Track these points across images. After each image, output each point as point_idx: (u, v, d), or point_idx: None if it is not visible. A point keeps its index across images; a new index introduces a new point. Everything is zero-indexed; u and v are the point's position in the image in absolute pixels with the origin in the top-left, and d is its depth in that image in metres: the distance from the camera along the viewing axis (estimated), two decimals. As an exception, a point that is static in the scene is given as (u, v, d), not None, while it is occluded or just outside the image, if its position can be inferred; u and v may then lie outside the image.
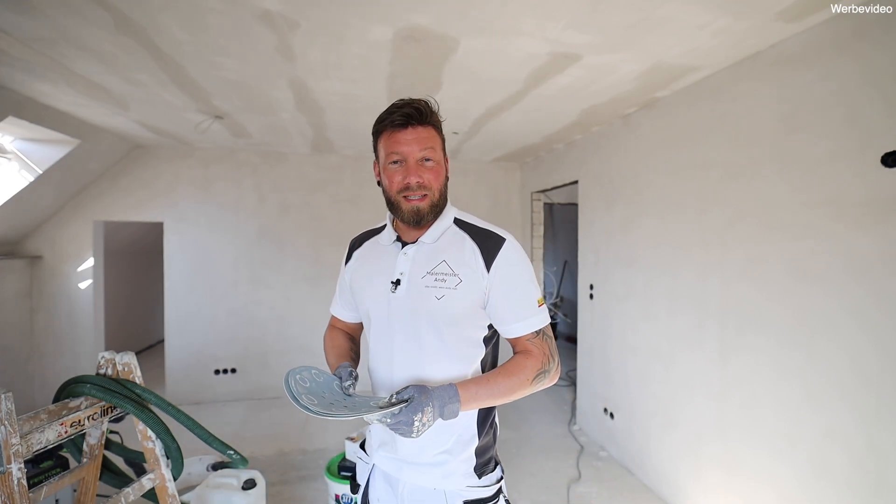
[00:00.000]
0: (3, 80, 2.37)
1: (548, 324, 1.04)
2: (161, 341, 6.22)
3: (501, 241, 1.02)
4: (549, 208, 6.17)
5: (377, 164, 1.08)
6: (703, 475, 2.33)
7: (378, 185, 1.09)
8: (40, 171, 3.22)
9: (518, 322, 1.01)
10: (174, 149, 4.11)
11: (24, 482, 1.09)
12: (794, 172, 1.85)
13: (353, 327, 1.26)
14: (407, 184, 1.00)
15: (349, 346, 1.20)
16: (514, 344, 1.04)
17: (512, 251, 1.02)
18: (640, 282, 2.87)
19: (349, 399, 0.95)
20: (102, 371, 1.44)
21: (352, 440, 2.22)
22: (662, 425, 2.65)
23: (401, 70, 2.25)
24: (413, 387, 0.89)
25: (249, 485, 1.97)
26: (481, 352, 1.05)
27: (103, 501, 1.32)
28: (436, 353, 1.01)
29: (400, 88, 2.48)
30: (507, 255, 1.01)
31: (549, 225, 6.33)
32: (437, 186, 1.03)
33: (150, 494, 1.51)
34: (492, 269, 1.00)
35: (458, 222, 1.08)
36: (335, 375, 1.02)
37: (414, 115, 0.99)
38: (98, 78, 2.36)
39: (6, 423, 1.06)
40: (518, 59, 2.10)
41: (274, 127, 3.38)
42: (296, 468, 2.96)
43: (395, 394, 0.89)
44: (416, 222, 1.02)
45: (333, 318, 1.29)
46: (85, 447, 1.45)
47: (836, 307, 1.70)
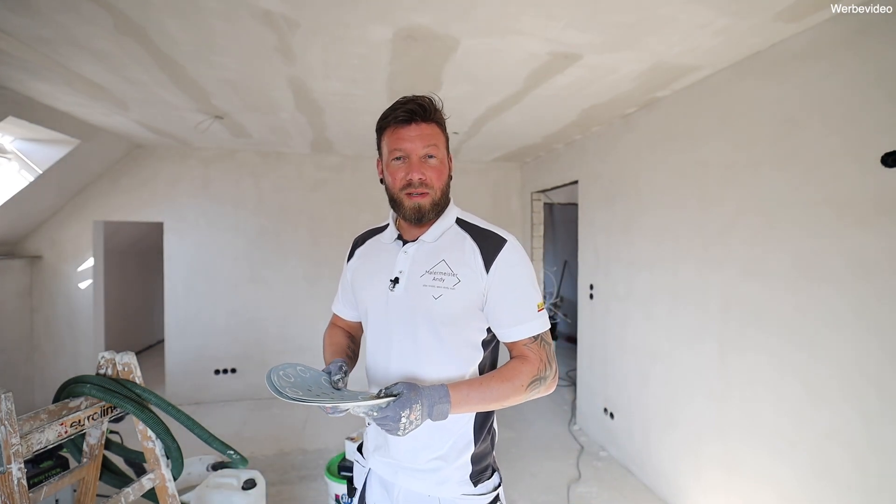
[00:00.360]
0: (3, 80, 2.37)
1: (547, 329, 1.02)
2: (161, 341, 6.22)
3: (502, 242, 1.00)
4: (549, 208, 6.17)
5: (380, 161, 1.07)
6: (704, 475, 2.33)
7: (381, 182, 1.08)
8: (40, 171, 3.22)
9: (515, 326, 0.98)
10: (174, 149, 4.11)
11: (24, 482, 1.09)
12: (794, 172, 1.85)
13: (354, 326, 1.26)
14: (409, 180, 0.98)
15: (347, 344, 1.19)
16: (510, 348, 1.02)
17: (512, 253, 1.00)
18: (640, 281, 2.87)
19: (337, 393, 0.93)
20: (102, 371, 1.44)
21: (352, 440, 2.22)
22: (663, 425, 2.65)
23: (401, 70, 2.25)
24: (403, 383, 0.87)
25: (249, 485, 1.97)
26: (479, 355, 1.03)
27: (103, 501, 1.32)
28: (432, 354, 0.99)
29: (400, 88, 2.48)
30: (508, 256, 0.99)
31: (549, 225, 6.33)
32: (439, 185, 1.01)
33: (150, 494, 1.51)
34: (491, 270, 0.98)
35: (461, 222, 1.07)
36: (324, 371, 1.00)
37: (418, 111, 0.98)
38: (98, 78, 2.36)
39: (6, 423, 1.06)
40: (518, 59, 2.10)
41: (274, 127, 3.38)
42: (296, 468, 2.96)
43: (384, 388, 0.87)
44: (418, 220, 1.01)
45: (335, 317, 1.28)
46: (85, 447, 1.45)
47: (838, 306, 1.70)
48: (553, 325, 4.97)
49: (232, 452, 1.57)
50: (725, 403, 2.20)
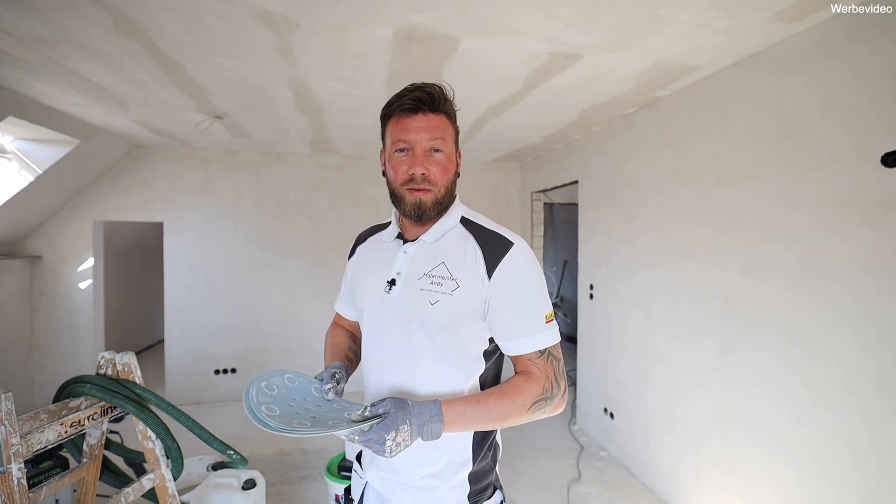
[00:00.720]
0: (3, 80, 2.37)
1: (556, 343, 0.91)
2: (161, 341, 6.22)
3: (508, 245, 0.91)
4: (549, 208, 6.16)
5: (383, 152, 0.99)
6: (704, 475, 2.33)
7: (383, 174, 1.00)
8: (40, 171, 3.22)
9: (519, 338, 0.89)
10: (174, 149, 4.11)
11: (24, 482, 1.08)
12: (794, 171, 1.85)
13: (357, 326, 1.20)
14: (411, 175, 0.91)
15: (348, 346, 1.14)
16: (514, 363, 0.93)
17: (519, 257, 0.91)
18: (640, 281, 2.87)
19: (326, 404, 0.87)
20: (102, 371, 1.44)
21: (352, 440, 2.22)
22: (662, 425, 2.65)
23: (401, 70, 2.25)
24: (391, 400, 0.79)
25: (249, 485, 1.97)
26: (480, 367, 0.94)
27: (103, 501, 1.32)
28: (428, 365, 0.91)
29: (400, 88, 2.48)
30: (513, 260, 0.90)
31: (549, 225, 6.33)
32: (443, 182, 0.93)
33: (150, 494, 1.51)
34: (494, 275, 0.89)
35: (465, 222, 0.98)
36: (317, 378, 0.94)
37: (425, 99, 0.90)
38: (98, 78, 2.36)
39: (6, 423, 1.06)
40: (518, 59, 2.10)
41: (274, 127, 3.38)
42: (296, 468, 2.96)
43: (369, 406, 0.80)
44: (418, 217, 0.93)
45: (337, 315, 1.23)
46: (85, 447, 1.45)
47: (838, 306, 1.70)
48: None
49: (232, 452, 1.57)
50: (726, 403, 2.20)
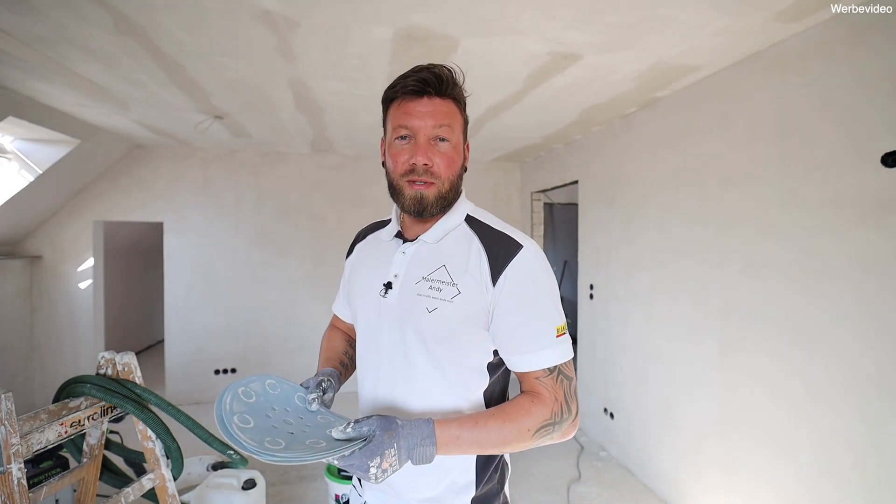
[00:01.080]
0: (3, 80, 2.37)
1: (568, 360, 0.81)
2: (161, 341, 6.22)
3: (517, 247, 0.82)
4: (549, 208, 6.16)
5: (384, 140, 0.90)
6: (704, 475, 2.33)
7: (383, 165, 0.90)
8: (40, 171, 3.22)
9: (525, 354, 0.79)
10: (174, 149, 4.11)
11: (24, 482, 1.08)
12: (795, 171, 1.85)
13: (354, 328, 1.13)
14: (412, 165, 0.82)
15: (343, 350, 1.07)
16: (520, 380, 0.83)
17: (528, 261, 0.81)
18: (640, 281, 2.87)
19: (308, 416, 0.79)
20: (102, 371, 1.44)
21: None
22: (662, 425, 2.65)
23: (401, 70, 2.23)
24: (377, 419, 0.70)
25: (249, 485, 1.97)
26: (484, 381, 0.85)
27: (103, 501, 1.32)
28: (425, 378, 0.83)
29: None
30: (521, 265, 0.80)
31: (549, 225, 6.32)
32: (448, 175, 0.84)
33: (150, 494, 1.51)
34: (499, 281, 0.79)
35: (471, 221, 0.89)
36: (302, 386, 0.86)
37: (432, 82, 0.81)
38: (98, 78, 2.36)
39: (6, 423, 1.06)
40: (518, 59, 2.10)
41: (274, 127, 3.38)
42: (296, 468, 2.96)
43: (352, 422, 0.69)
44: (418, 213, 0.84)
45: (334, 317, 1.16)
46: (85, 447, 1.45)
47: (839, 305, 1.69)
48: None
49: (232, 452, 1.57)
50: (726, 403, 2.20)
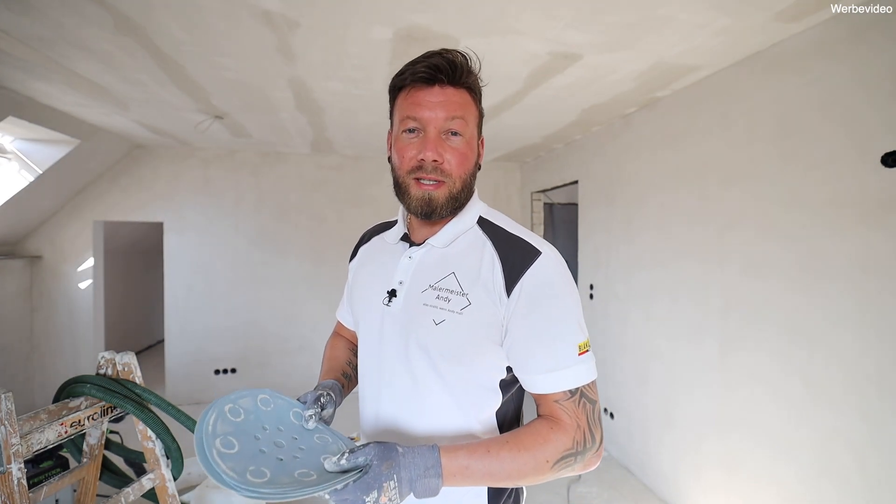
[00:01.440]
0: (3, 80, 2.37)
1: (591, 380, 0.72)
2: (161, 341, 6.22)
3: (535, 254, 0.73)
4: (549, 208, 6.16)
5: (390, 133, 0.82)
6: (704, 475, 2.33)
7: (388, 160, 0.82)
8: (40, 171, 3.22)
9: (544, 373, 0.71)
10: (174, 149, 4.11)
11: (24, 482, 1.08)
12: (795, 171, 1.85)
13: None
14: (421, 161, 0.74)
15: (347, 360, 1.00)
16: (537, 402, 0.74)
17: (547, 270, 0.73)
18: (640, 281, 2.87)
19: (303, 436, 0.71)
20: (102, 371, 1.44)
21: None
22: (662, 425, 2.65)
23: (401, 70, 2.25)
24: (375, 446, 0.62)
25: (249, 485, 1.97)
26: (496, 400, 0.78)
27: (103, 501, 1.32)
28: (431, 396, 0.76)
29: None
30: (539, 274, 0.72)
31: (549, 225, 6.32)
32: (460, 174, 0.76)
33: (150, 494, 1.51)
34: (515, 291, 0.71)
35: (483, 223, 0.81)
36: (299, 400, 0.79)
37: (444, 69, 0.73)
38: (98, 78, 2.36)
39: (6, 423, 1.06)
40: (518, 59, 2.10)
41: (274, 127, 3.38)
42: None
43: (347, 452, 0.62)
44: (426, 215, 0.77)
45: (338, 324, 1.09)
46: (85, 447, 1.45)
47: (839, 305, 1.69)
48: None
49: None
50: (726, 403, 2.20)
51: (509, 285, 0.72)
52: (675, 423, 2.55)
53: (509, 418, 0.81)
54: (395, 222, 0.92)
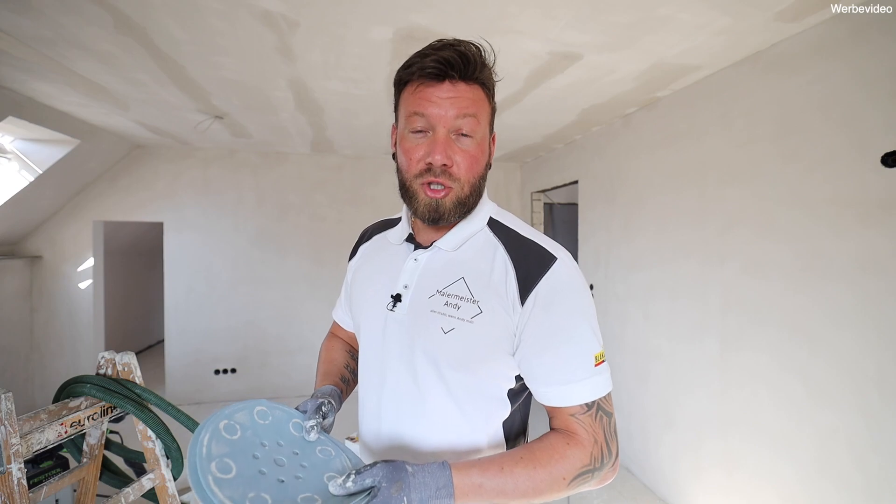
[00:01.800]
0: (3, 80, 2.37)
1: (607, 393, 0.70)
2: (161, 341, 6.22)
3: (550, 260, 0.70)
4: (549, 208, 6.16)
5: (395, 129, 0.77)
6: (704, 475, 2.33)
7: (393, 158, 0.77)
8: (40, 171, 3.22)
9: (559, 385, 0.68)
10: (174, 149, 4.11)
11: (24, 482, 1.08)
12: (795, 171, 1.85)
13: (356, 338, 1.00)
14: (429, 164, 0.69)
15: (344, 362, 0.95)
16: (551, 415, 0.71)
17: (563, 277, 0.69)
18: (640, 280, 2.87)
19: (305, 450, 0.67)
20: (102, 371, 1.44)
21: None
22: (662, 425, 2.65)
23: (401, 70, 2.25)
24: (383, 465, 0.58)
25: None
26: (505, 410, 0.75)
27: (103, 501, 1.32)
28: (437, 407, 0.72)
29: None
30: (555, 281, 0.68)
31: (549, 225, 6.32)
32: (469, 178, 0.71)
33: (150, 494, 1.51)
34: (529, 300, 0.68)
35: (494, 225, 0.77)
36: (299, 410, 0.74)
37: (456, 63, 0.68)
38: (98, 78, 2.36)
39: (6, 423, 1.06)
40: (518, 59, 2.10)
41: (274, 127, 3.38)
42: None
43: (353, 473, 0.58)
44: (433, 221, 0.73)
45: (335, 325, 1.04)
46: (85, 447, 1.45)
47: (839, 305, 1.69)
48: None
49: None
50: (726, 402, 2.20)
51: (523, 293, 0.68)
52: (674, 423, 2.55)
53: (515, 429, 0.78)
54: (398, 220, 0.88)
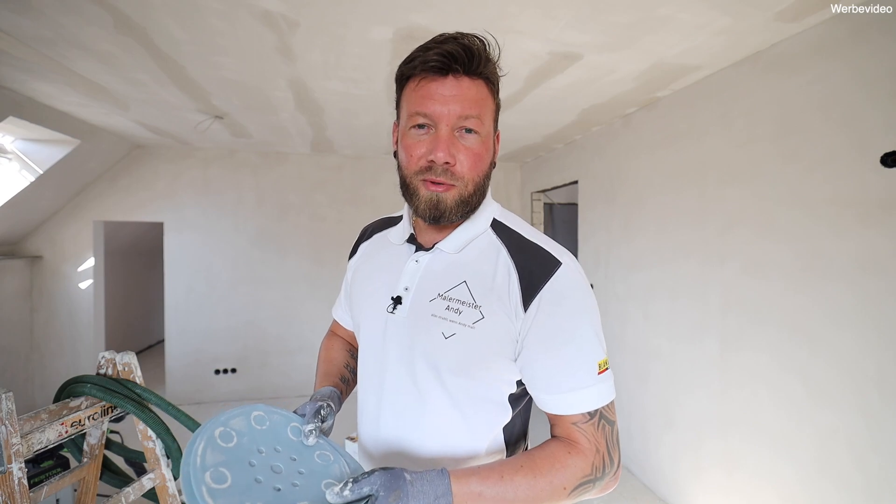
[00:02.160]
0: (3, 80, 2.37)
1: (610, 401, 0.68)
2: (161, 341, 6.23)
3: (554, 264, 0.68)
4: (549, 208, 6.16)
5: (396, 125, 0.75)
6: (704, 475, 2.33)
7: (394, 156, 0.75)
8: (40, 171, 3.22)
9: (562, 393, 0.67)
10: (174, 149, 4.11)
11: (25, 482, 1.08)
12: (795, 171, 1.85)
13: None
14: (430, 162, 0.67)
15: (344, 362, 0.94)
16: (553, 422, 0.70)
17: (567, 282, 0.68)
18: (640, 280, 2.87)
19: (302, 455, 0.66)
20: (103, 371, 1.44)
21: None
22: (662, 425, 2.65)
23: (401, 70, 2.25)
24: (381, 473, 0.57)
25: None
26: (506, 415, 0.74)
27: (104, 501, 1.32)
28: (437, 412, 0.71)
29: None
30: (560, 287, 0.67)
31: (549, 225, 6.33)
32: (473, 176, 0.70)
33: (151, 494, 1.51)
34: (532, 305, 0.67)
35: (497, 227, 0.76)
36: (297, 413, 0.73)
37: (460, 57, 0.65)
38: (98, 78, 2.36)
39: (7, 423, 1.06)
40: (518, 59, 2.10)
41: (274, 127, 3.38)
42: None
43: (351, 481, 0.56)
44: (435, 219, 0.71)
45: (334, 324, 1.03)
46: (85, 447, 1.45)
47: (839, 305, 1.70)
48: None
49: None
50: (726, 402, 2.20)
51: (526, 299, 0.67)
52: (674, 423, 2.55)
53: (515, 434, 0.77)
54: (400, 219, 0.86)
